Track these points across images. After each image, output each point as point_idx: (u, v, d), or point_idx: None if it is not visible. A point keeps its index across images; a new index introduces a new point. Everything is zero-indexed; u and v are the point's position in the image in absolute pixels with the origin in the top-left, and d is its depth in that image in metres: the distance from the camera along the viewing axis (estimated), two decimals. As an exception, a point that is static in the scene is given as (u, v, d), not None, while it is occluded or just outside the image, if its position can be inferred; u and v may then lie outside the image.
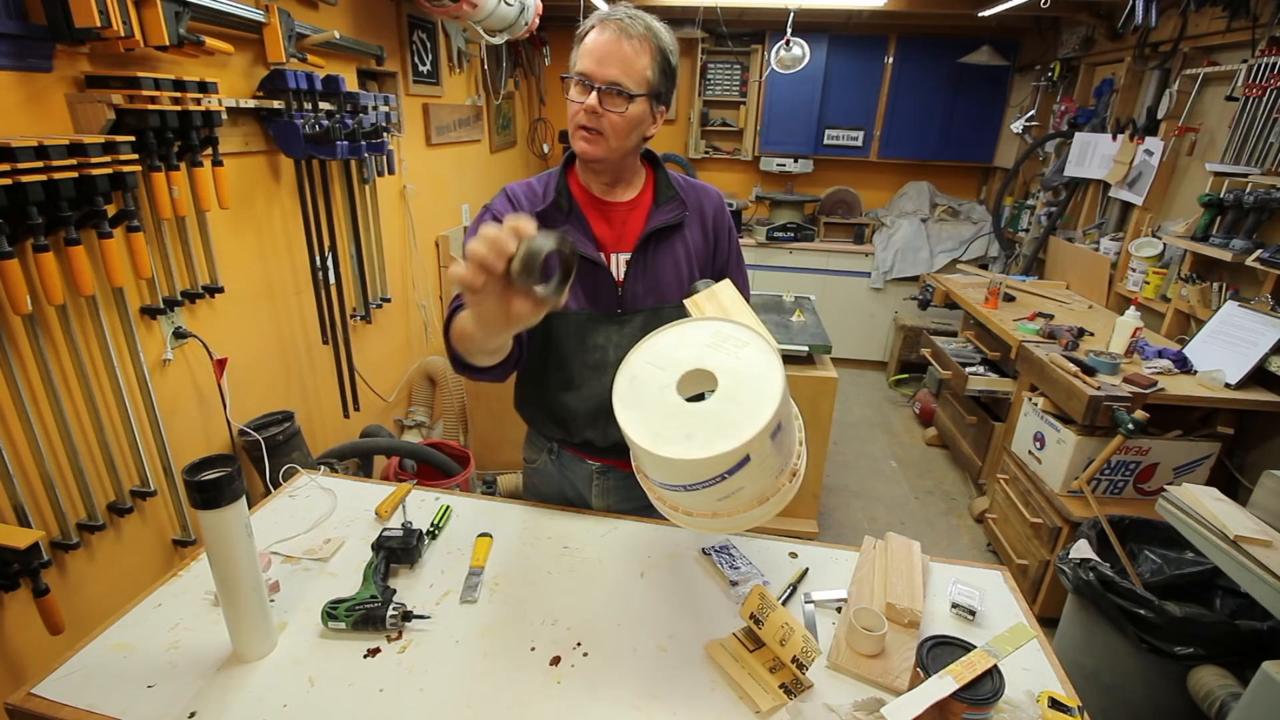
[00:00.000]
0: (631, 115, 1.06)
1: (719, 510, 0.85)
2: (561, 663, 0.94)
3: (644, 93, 1.06)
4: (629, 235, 1.17)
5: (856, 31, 4.33)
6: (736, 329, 0.88)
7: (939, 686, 0.79)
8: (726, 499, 0.83)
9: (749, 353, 0.85)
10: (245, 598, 0.89)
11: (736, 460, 0.76)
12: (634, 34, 1.03)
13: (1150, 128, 2.93)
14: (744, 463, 0.77)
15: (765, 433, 0.76)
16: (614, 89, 1.03)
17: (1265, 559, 1.32)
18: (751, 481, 0.81)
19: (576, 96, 1.06)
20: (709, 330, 0.89)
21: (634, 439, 0.80)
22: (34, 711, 0.83)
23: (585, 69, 1.04)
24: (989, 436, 2.98)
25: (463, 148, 3.41)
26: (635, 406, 0.83)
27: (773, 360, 0.82)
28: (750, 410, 0.77)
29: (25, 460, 1.32)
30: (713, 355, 0.85)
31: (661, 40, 1.07)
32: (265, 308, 2.01)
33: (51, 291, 1.27)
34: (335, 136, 1.93)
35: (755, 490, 0.83)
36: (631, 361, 0.89)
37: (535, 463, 1.37)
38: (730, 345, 0.86)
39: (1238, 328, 2.21)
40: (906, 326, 4.29)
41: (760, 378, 0.81)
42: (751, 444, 0.75)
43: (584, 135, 1.07)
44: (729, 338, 0.87)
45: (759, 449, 0.77)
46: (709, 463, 0.75)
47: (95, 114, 1.36)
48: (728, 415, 0.78)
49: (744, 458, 0.76)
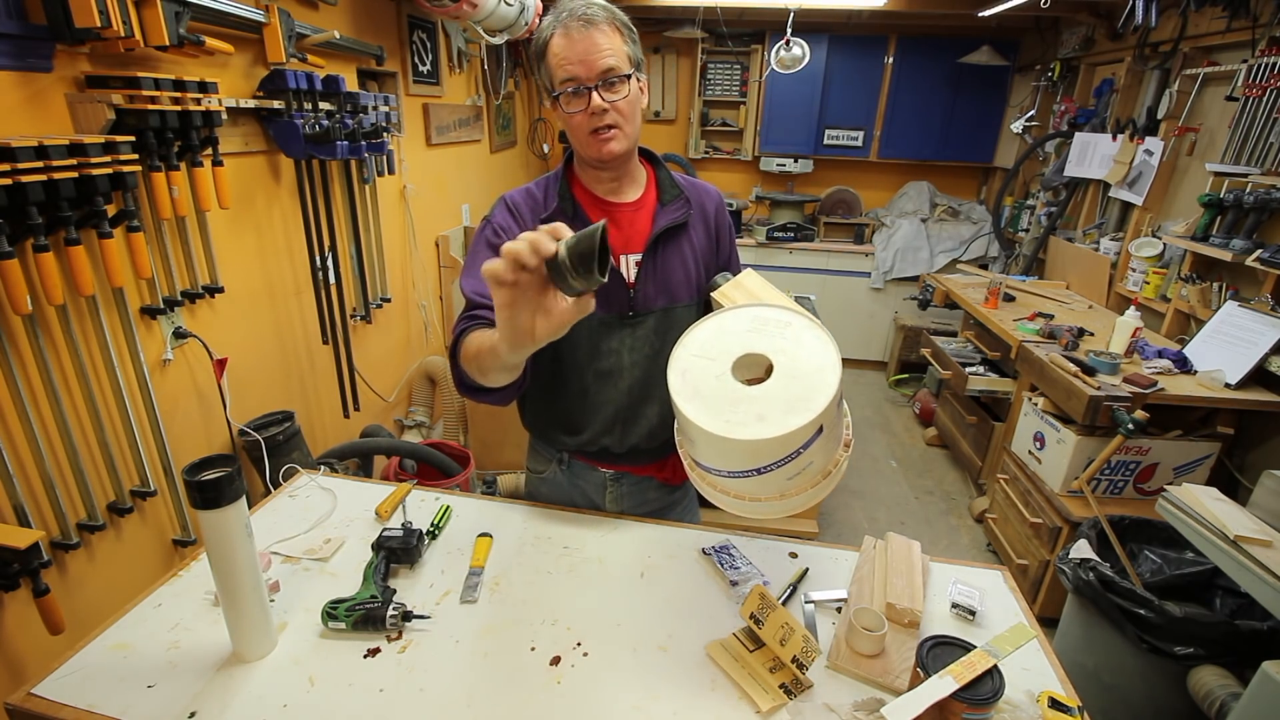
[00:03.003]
0: (633, 94, 1.06)
1: (787, 490, 0.87)
2: (561, 663, 0.94)
3: (632, 69, 1.05)
4: (637, 236, 1.16)
5: (856, 31, 4.33)
6: (774, 311, 0.90)
7: (939, 686, 0.79)
8: (796, 476, 0.85)
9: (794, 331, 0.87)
10: (245, 598, 0.89)
11: (813, 432, 0.78)
12: (598, 20, 1.02)
13: (1150, 128, 2.93)
14: (818, 434, 0.79)
15: (834, 401, 0.79)
16: (610, 78, 1.02)
17: (1265, 559, 1.32)
18: (819, 454, 0.83)
19: (576, 106, 1.03)
20: (747, 316, 0.91)
21: (706, 428, 0.80)
22: (34, 711, 0.83)
23: (574, 74, 1.01)
24: (989, 436, 2.98)
25: (463, 148, 3.41)
26: (694, 398, 0.84)
27: (819, 333, 0.85)
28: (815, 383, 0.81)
29: (25, 460, 1.32)
30: (759, 339, 0.87)
31: (619, 15, 1.06)
32: (265, 308, 2.01)
33: (51, 291, 1.27)
34: (335, 136, 1.92)
35: (821, 463, 0.85)
36: (678, 357, 0.90)
37: (543, 473, 1.34)
38: (772, 327, 0.88)
39: (1238, 328, 2.21)
40: (906, 326, 4.29)
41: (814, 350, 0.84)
42: (825, 414, 0.78)
43: (600, 137, 1.05)
44: (769, 320, 0.89)
45: (830, 418, 0.80)
46: (787, 439, 0.78)
47: (95, 114, 1.36)
48: (794, 391, 0.80)
49: (818, 429, 0.79)
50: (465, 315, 1.03)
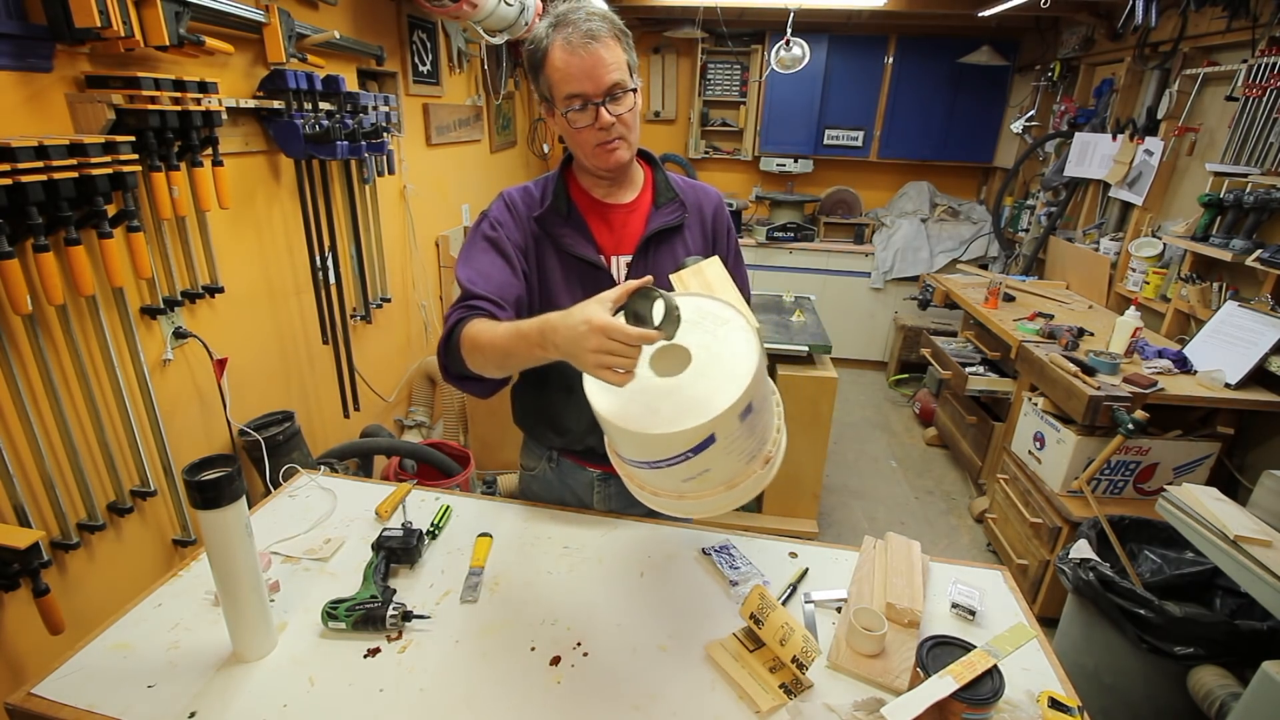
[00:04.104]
0: (637, 105, 1.07)
1: (685, 491, 0.84)
2: (561, 663, 0.94)
3: (634, 79, 1.06)
4: (629, 238, 1.16)
5: (856, 31, 4.33)
6: (718, 306, 0.86)
7: (939, 686, 0.79)
8: (693, 480, 0.81)
9: (727, 331, 0.82)
10: (245, 598, 0.89)
11: (701, 438, 0.74)
12: (601, 33, 1.01)
13: (1150, 128, 2.93)
14: (709, 442, 0.75)
15: (733, 412, 0.74)
16: (616, 93, 1.03)
17: (1265, 559, 1.32)
18: (719, 463, 0.79)
19: (582, 121, 1.03)
20: (690, 306, 0.86)
21: (599, 410, 0.79)
22: (34, 711, 0.84)
23: (581, 90, 1.01)
24: (989, 436, 2.98)
25: (463, 148, 3.41)
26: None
27: (749, 339, 0.80)
28: (720, 388, 0.75)
29: (25, 460, 1.32)
30: (690, 332, 0.83)
31: (616, 23, 1.05)
32: (265, 308, 2.01)
33: (51, 291, 1.27)
34: (335, 136, 1.92)
35: (724, 473, 0.81)
36: None
37: (534, 470, 1.36)
38: (709, 322, 0.84)
39: (1238, 328, 2.21)
40: (906, 326, 4.29)
41: (734, 356, 0.78)
42: (717, 422, 0.73)
43: (609, 148, 1.06)
44: (709, 314, 0.85)
45: (726, 429, 0.75)
46: (672, 439, 0.74)
47: (95, 114, 1.36)
48: (696, 392, 0.76)
49: (708, 436, 0.74)
50: (461, 304, 1.03)
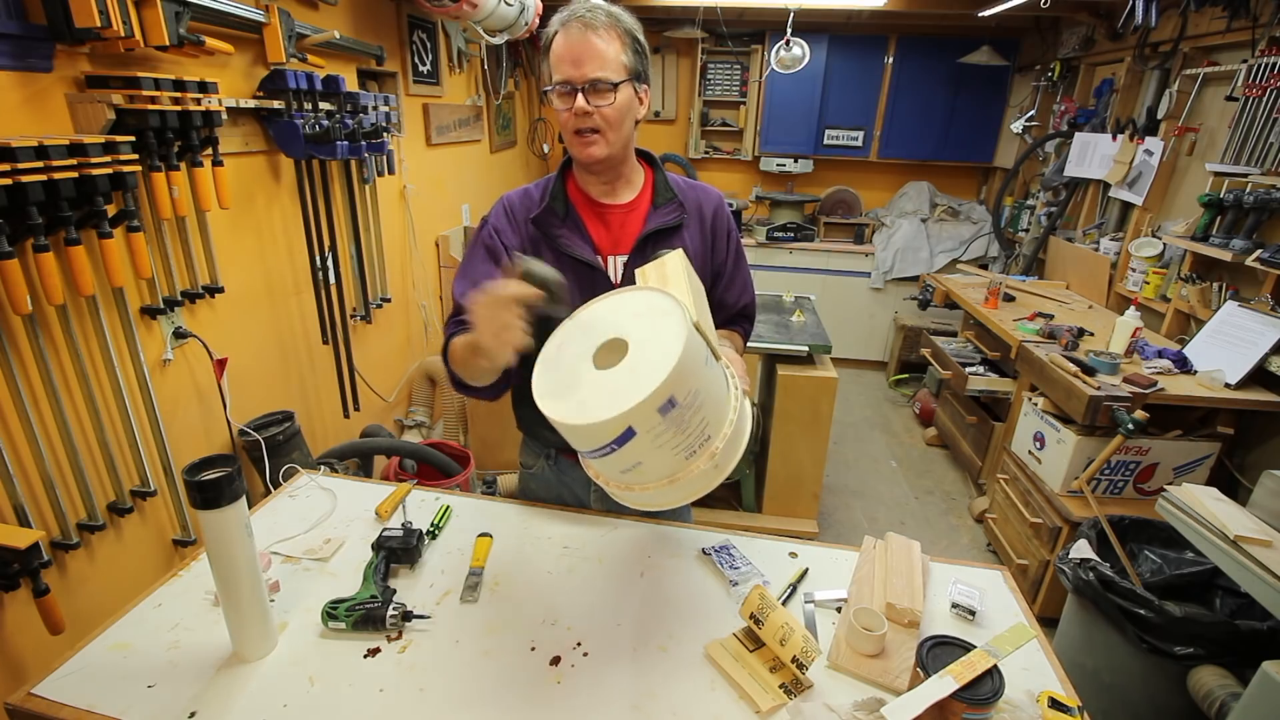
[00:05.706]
0: (620, 103, 1.06)
1: (628, 483, 0.85)
2: (561, 663, 0.94)
3: (625, 78, 1.05)
4: (626, 238, 1.16)
5: (856, 31, 4.33)
6: (665, 300, 0.85)
7: (939, 686, 0.79)
8: (628, 472, 0.82)
9: (665, 324, 0.81)
10: (245, 598, 0.89)
11: (619, 430, 0.75)
12: (599, 25, 1.03)
13: (1150, 128, 2.93)
14: (629, 435, 0.75)
15: (648, 406, 0.73)
16: (597, 84, 1.03)
17: (1265, 559, 1.32)
18: (650, 457, 0.79)
19: (563, 105, 1.06)
20: (643, 300, 0.87)
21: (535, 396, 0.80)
22: (34, 711, 0.83)
23: (564, 75, 1.03)
24: (989, 436, 2.98)
25: (463, 148, 3.41)
26: (552, 369, 0.84)
27: (680, 333, 0.78)
28: (640, 382, 0.75)
29: (25, 460, 1.32)
30: (634, 325, 0.83)
31: (625, 22, 1.07)
32: (265, 308, 2.01)
33: (51, 291, 1.27)
34: (335, 136, 1.92)
35: (659, 468, 0.81)
36: (565, 326, 0.89)
37: (532, 468, 1.37)
38: (653, 316, 0.83)
39: (1238, 328, 2.21)
40: (906, 326, 4.28)
41: (664, 349, 0.77)
42: (632, 415, 0.73)
43: (582, 139, 1.07)
44: (655, 308, 0.84)
45: (644, 422, 0.75)
46: (593, 429, 0.75)
47: (95, 114, 1.36)
48: (620, 385, 0.76)
49: (626, 429, 0.75)
50: (453, 320, 1.07)
